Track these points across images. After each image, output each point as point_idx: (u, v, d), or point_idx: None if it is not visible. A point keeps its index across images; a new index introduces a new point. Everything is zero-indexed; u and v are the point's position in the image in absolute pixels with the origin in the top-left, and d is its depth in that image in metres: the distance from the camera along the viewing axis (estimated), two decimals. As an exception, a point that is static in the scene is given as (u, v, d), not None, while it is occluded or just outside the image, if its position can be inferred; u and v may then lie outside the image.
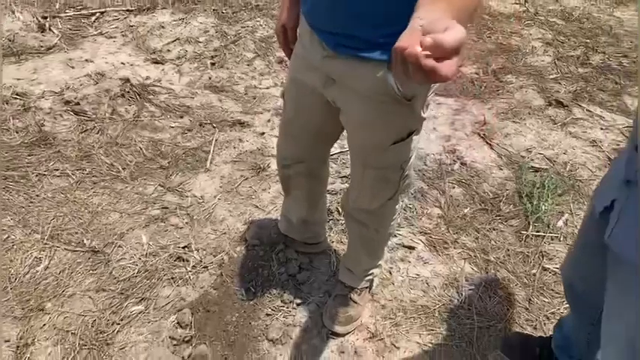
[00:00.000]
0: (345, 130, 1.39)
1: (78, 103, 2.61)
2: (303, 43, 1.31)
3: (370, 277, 1.70)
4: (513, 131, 2.65)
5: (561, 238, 2.07)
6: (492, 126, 2.67)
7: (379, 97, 1.20)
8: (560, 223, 2.12)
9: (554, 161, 2.46)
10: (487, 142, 2.56)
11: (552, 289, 1.87)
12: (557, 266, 1.95)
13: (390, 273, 1.86)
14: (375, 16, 1.10)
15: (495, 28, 3.62)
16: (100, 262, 1.84)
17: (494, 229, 2.08)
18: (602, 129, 2.69)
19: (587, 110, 2.83)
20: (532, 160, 2.46)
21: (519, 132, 2.65)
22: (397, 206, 1.49)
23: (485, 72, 3.14)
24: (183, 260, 1.87)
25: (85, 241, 1.92)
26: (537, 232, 2.08)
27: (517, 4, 3.95)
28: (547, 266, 1.95)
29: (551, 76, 3.13)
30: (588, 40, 3.53)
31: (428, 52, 0.70)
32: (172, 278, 1.80)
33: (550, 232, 2.08)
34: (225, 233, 2.00)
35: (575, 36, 3.58)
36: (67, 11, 3.47)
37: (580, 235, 1.32)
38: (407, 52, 0.70)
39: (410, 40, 0.72)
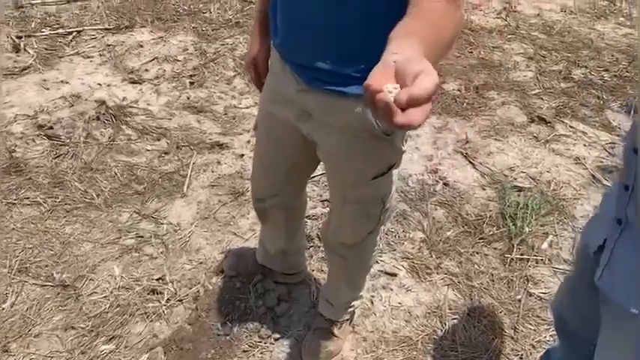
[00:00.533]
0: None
1: (51, 127, 2.54)
2: (275, 75, 1.26)
3: (351, 309, 1.65)
4: (496, 149, 2.62)
5: (546, 261, 2.03)
6: (475, 144, 2.64)
7: (357, 133, 1.15)
8: (544, 246, 2.09)
9: (538, 180, 2.43)
10: (470, 161, 2.53)
11: (538, 316, 1.82)
12: (543, 291, 1.91)
13: (372, 302, 1.81)
14: (350, 51, 1.06)
15: (477, 42, 3.60)
16: (69, 298, 1.77)
17: (477, 253, 2.04)
18: (585, 145, 2.67)
19: (570, 127, 2.81)
20: (515, 179, 2.43)
21: (502, 150, 2.62)
22: (378, 238, 1.44)
23: (467, 88, 3.12)
24: (157, 293, 1.80)
25: (55, 275, 1.85)
26: (522, 255, 2.04)
27: (499, 18, 3.95)
28: (532, 291, 1.91)
29: (534, 92, 3.11)
30: (570, 54, 3.53)
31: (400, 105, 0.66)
32: (145, 313, 1.74)
33: (535, 255, 2.04)
34: (201, 263, 1.94)
35: (557, 50, 3.58)
36: (42, 30, 3.40)
37: (573, 272, 1.28)
38: (377, 98, 0.66)
39: (381, 79, 0.68)
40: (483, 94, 3.07)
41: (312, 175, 1.51)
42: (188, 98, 2.91)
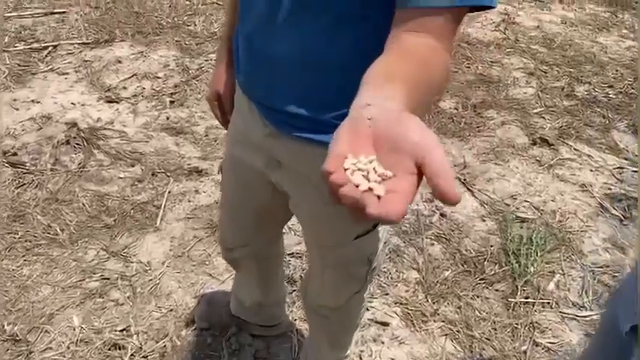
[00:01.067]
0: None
1: (15, 154, 2.35)
2: (241, 113, 1.08)
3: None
4: (496, 175, 2.44)
5: (553, 305, 1.85)
6: (473, 169, 2.46)
7: None
8: (551, 287, 1.90)
9: (542, 210, 2.25)
10: (468, 188, 2.35)
11: (545, 370, 1.64)
12: (550, 340, 1.72)
13: (361, 358, 1.62)
14: (324, 93, 0.88)
15: (474, 57, 3.43)
16: (19, 355, 1.57)
17: (478, 296, 1.85)
18: (591, 170, 2.49)
19: (574, 149, 2.63)
20: (517, 208, 2.25)
21: (503, 176, 2.44)
22: (365, 294, 1.25)
23: (464, 106, 2.94)
24: (120, 348, 1.61)
25: (6, 327, 1.65)
26: (526, 297, 1.85)
27: (497, 31, 3.78)
28: (539, 340, 1.72)
29: (535, 110, 2.94)
30: (572, 70, 3.35)
31: (376, 190, 0.48)
32: (105, 373, 1.54)
33: (541, 298, 1.86)
34: (171, 310, 1.74)
35: (559, 65, 3.40)
36: (16, 45, 3.21)
37: (596, 342, 1.09)
38: (341, 192, 0.47)
39: (351, 148, 0.50)
40: (482, 113, 2.90)
41: (288, 223, 1.32)
42: (167, 118, 2.72)
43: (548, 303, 1.85)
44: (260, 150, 1.03)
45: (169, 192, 2.24)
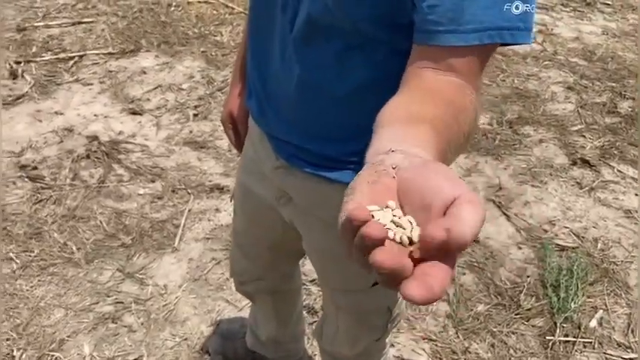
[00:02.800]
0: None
1: (35, 167, 2.31)
2: (252, 141, 0.99)
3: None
4: (533, 198, 2.30)
5: (596, 345, 1.70)
6: (509, 191, 2.32)
7: None
8: (593, 324, 1.76)
9: (583, 237, 2.10)
10: (503, 212, 2.21)
11: (588, 420, 1.50)
12: (593, 385, 1.58)
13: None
14: (342, 128, 0.78)
15: (510, 70, 3.28)
16: (27, 385, 1.51)
17: (513, 333, 1.72)
18: (637, 195, 2.33)
19: (617, 171, 2.47)
20: (556, 235, 2.10)
21: (540, 199, 2.29)
22: (387, 339, 1.14)
23: (499, 122, 2.80)
24: (131, 380, 1.53)
25: (15, 352, 1.59)
26: (566, 336, 1.71)
27: (534, 42, 3.62)
28: (580, 385, 1.58)
29: (575, 128, 2.78)
30: (614, 84, 3.18)
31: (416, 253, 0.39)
32: (114, 407, 1.46)
33: (582, 337, 1.71)
34: (185, 339, 1.66)
35: (600, 79, 3.23)
36: (43, 55, 3.20)
37: None
38: (365, 233, 0.38)
39: (373, 199, 0.41)
40: (518, 130, 2.75)
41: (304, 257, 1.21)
42: (190, 132, 2.66)
43: (590, 342, 1.70)
44: (270, 182, 0.94)
45: (189, 210, 2.16)
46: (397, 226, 0.40)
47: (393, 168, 0.43)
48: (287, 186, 0.91)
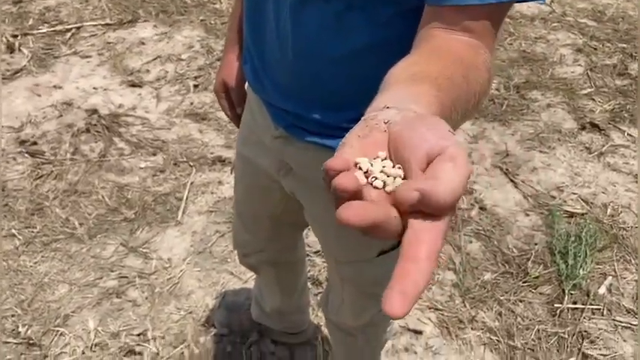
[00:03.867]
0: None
1: (35, 143, 2.28)
2: (251, 109, 0.95)
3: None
4: (541, 164, 2.25)
5: (604, 312, 1.68)
6: (516, 157, 2.28)
7: None
8: (602, 291, 1.73)
9: (592, 203, 2.06)
10: (511, 179, 2.17)
11: (596, 387, 1.49)
12: (602, 352, 1.56)
13: (390, 368, 1.50)
14: (341, 95, 0.75)
15: (518, 33, 3.19)
16: (33, 360, 1.51)
17: (520, 301, 1.70)
18: (647, 159, 2.28)
19: (627, 135, 2.41)
20: (564, 202, 2.07)
21: (548, 165, 2.25)
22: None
23: (506, 87, 2.74)
24: (136, 354, 1.52)
25: (21, 328, 1.59)
26: (574, 303, 1.69)
27: (543, 4, 3.51)
28: (588, 352, 1.57)
29: (584, 91, 2.71)
30: (625, 45, 3.09)
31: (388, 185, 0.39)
32: (120, 381, 1.47)
33: (590, 304, 1.69)
34: (190, 312, 1.65)
35: (610, 40, 3.14)
36: (40, 27, 3.14)
37: None
38: (337, 184, 0.37)
39: (361, 149, 0.40)
40: (525, 95, 2.69)
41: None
42: (191, 104, 2.61)
43: (599, 309, 1.68)
44: (270, 152, 0.90)
45: (192, 183, 2.14)
46: (388, 176, 0.39)
47: (385, 122, 0.41)
48: (287, 156, 0.87)
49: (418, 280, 0.33)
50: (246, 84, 0.96)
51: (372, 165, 0.39)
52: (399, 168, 0.39)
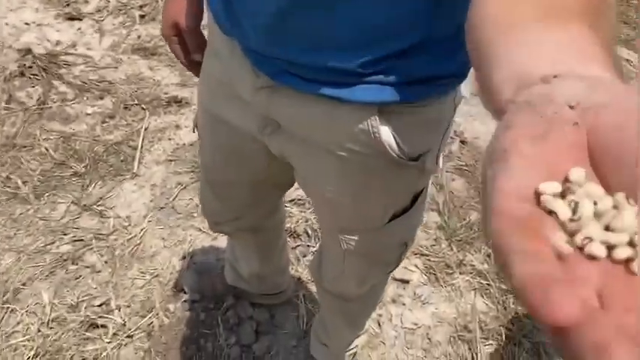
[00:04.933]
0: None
1: (-39, 91, 2.00)
2: (219, 56, 0.76)
3: (354, 349, 1.24)
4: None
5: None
6: (496, 83, 2.13)
7: (361, 158, 0.68)
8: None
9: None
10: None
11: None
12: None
13: (379, 325, 1.40)
14: (351, 31, 0.56)
15: None
16: (-18, 343, 1.35)
17: (509, 240, 1.61)
18: (631, 78, 2.17)
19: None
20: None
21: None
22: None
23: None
24: (99, 327, 1.38)
25: (-34, 308, 1.42)
26: (564, 238, 1.61)
27: None
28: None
29: None
30: None
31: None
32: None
33: (581, 238, 1.61)
34: (156, 276, 1.50)
35: None
36: (-45, -46, 2.73)
37: None
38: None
39: (547, 171, 0.24)
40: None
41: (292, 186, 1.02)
42: (138, 37, 2.34)
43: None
44: (251, 107, 0.72)
45: (146, 129, 1.93)
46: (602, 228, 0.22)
47: (572, 107, 0.25)
48: (274, 111, 0.69)
49: None
50: (207, 20, 0.76)
51: (576, 204, 0.22)
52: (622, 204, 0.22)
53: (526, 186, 0.23)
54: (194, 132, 0.93)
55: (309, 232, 1.57)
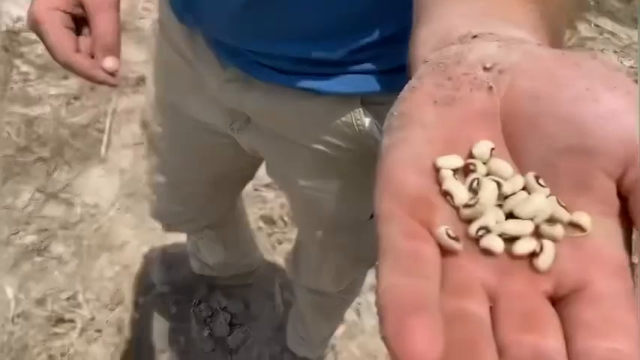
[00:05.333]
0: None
1: None
2: (173, 45, 0.68)
3: (333, 341, 1.20)
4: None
5: None
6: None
7: (340, 153, 0.62)
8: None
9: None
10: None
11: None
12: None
13: (358, 314, 1.36)
14: (329, 19, 0.50)
15: None
16: (-58, 343, 1.29)
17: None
18: (616, 52, 2.12)
19: (595, 25, 2.23)
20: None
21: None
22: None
23: None
24: (67, 322, 1.32)
25: None
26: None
27: None
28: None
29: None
30: None
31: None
32: (50, 357, 1.27)
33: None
34: (126, 267, 1.44)
35: None
36: None
37: None
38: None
39: (450, 145, 0.21)
40: None
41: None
42: (105, 12, 2.23)
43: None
44: (217, 101, 0.65)
45: (113, 110, 1.84)
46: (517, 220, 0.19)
47: (486, 69, 0.22)
48: (243, 105, 0.62)
49: None
50: (160, 9, 0.68)
51: (477, 184, 0.19)
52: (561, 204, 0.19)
53: (426, 157, 0.20)
54: (142, 128, 0.85)
55: (285, 218, 1.51)
